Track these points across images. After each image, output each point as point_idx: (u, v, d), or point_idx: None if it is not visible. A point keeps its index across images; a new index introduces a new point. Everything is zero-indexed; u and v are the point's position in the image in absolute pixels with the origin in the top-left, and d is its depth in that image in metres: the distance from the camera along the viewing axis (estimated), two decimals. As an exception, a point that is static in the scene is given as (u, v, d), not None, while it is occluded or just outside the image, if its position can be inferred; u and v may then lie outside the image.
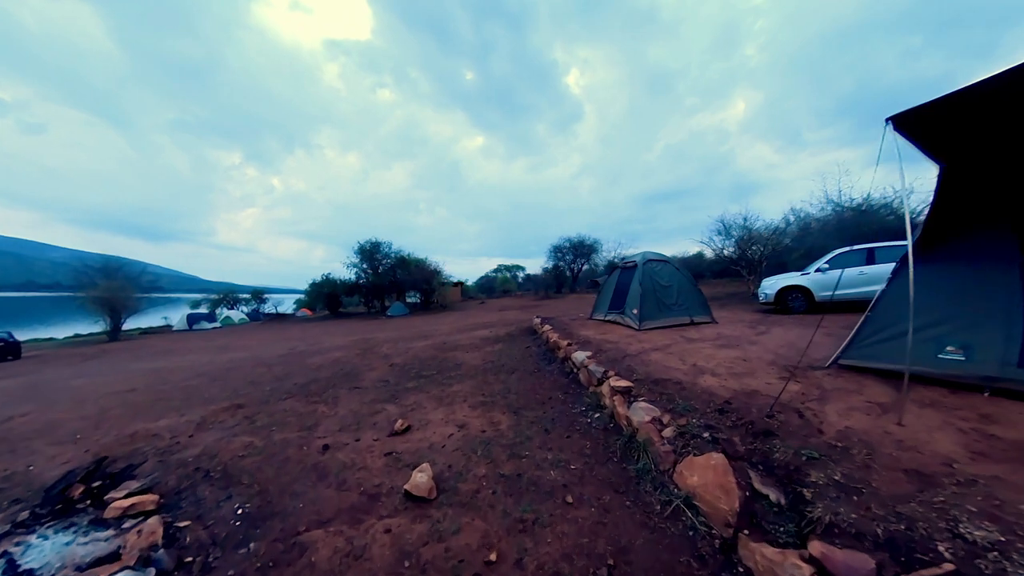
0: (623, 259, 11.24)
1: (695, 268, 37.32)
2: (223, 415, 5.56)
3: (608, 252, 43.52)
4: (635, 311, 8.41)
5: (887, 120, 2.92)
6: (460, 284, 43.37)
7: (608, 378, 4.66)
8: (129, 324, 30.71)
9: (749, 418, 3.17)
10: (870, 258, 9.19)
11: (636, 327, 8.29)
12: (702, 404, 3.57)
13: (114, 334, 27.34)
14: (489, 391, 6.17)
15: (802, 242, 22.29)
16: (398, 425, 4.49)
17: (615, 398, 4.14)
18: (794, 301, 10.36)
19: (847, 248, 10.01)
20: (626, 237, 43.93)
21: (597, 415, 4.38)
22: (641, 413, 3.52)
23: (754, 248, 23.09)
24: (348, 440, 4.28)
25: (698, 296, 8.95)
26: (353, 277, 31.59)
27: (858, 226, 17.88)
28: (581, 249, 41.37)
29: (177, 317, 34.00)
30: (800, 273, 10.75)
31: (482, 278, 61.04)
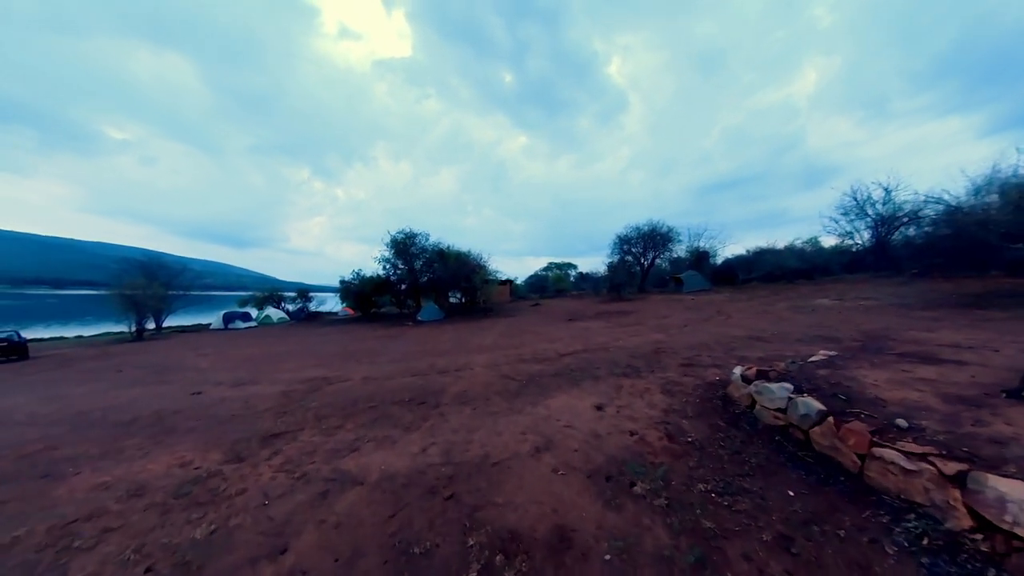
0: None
1: (811, 260, 27.84)
2: None
3: (689, 242, 35.06)
4: None
5: None
6: (509, 282, 37.24)
7: None
8: (170, 321, 28.96)
9: None
10: None
11: None
12: None
13: (138, 334, 24.93)
14: None
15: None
16: None
17: None
18: None
19: None
20: (702, 227, 34.79)
21: None
22: None
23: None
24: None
25: None
26: (383, 273, 26.59)
27: None
28: (653, 240, 33.36)
29: (215, 316, 31.54)
30: None
31: (531, 277, 54.86)
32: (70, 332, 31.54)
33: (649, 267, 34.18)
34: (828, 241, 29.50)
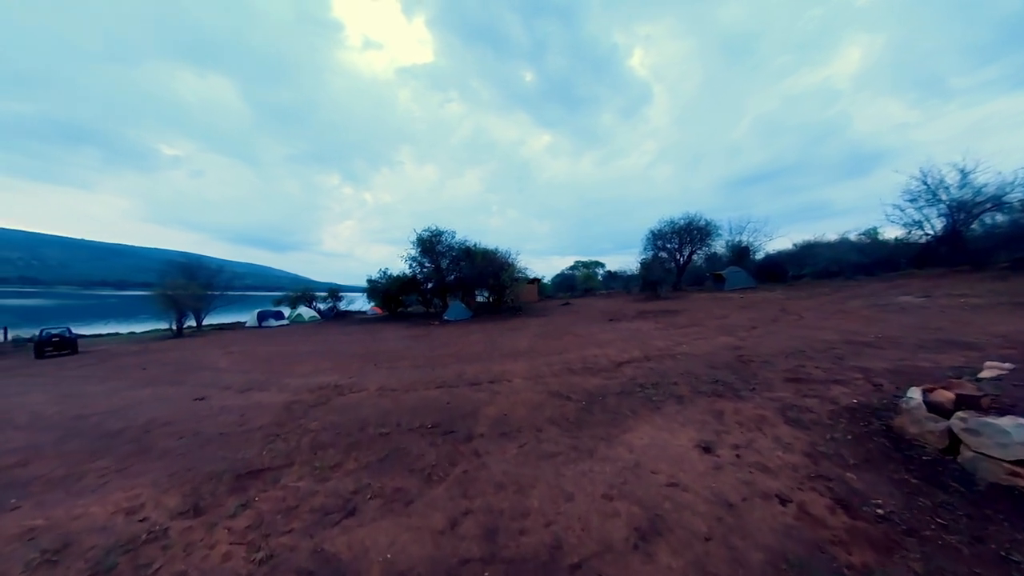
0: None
1: (872, 254, 24.83)
2: None
3: (729, 237, 32.48)
4: None
5: None
6: (536, 281, 35.86)
7: None
8: (208, 319, 29.67)
9: None
10: None
11: None
12: None
13: (178, 331, 25.44)
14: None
15: None
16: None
17: None
18: None
19: None
20: (743, 220, 31.89)
21: None
22: None
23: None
24: None
25: None
26: (408, 272, 25.84)
27: None
28: (690, 234, 31.00)
29: (250, 315, 32.03)
30: None
31: (558, 276, 53.20)
32: (124, 328, 33.11)
33: (685, 264, 31.86)
34: (890, 233, 26.36)
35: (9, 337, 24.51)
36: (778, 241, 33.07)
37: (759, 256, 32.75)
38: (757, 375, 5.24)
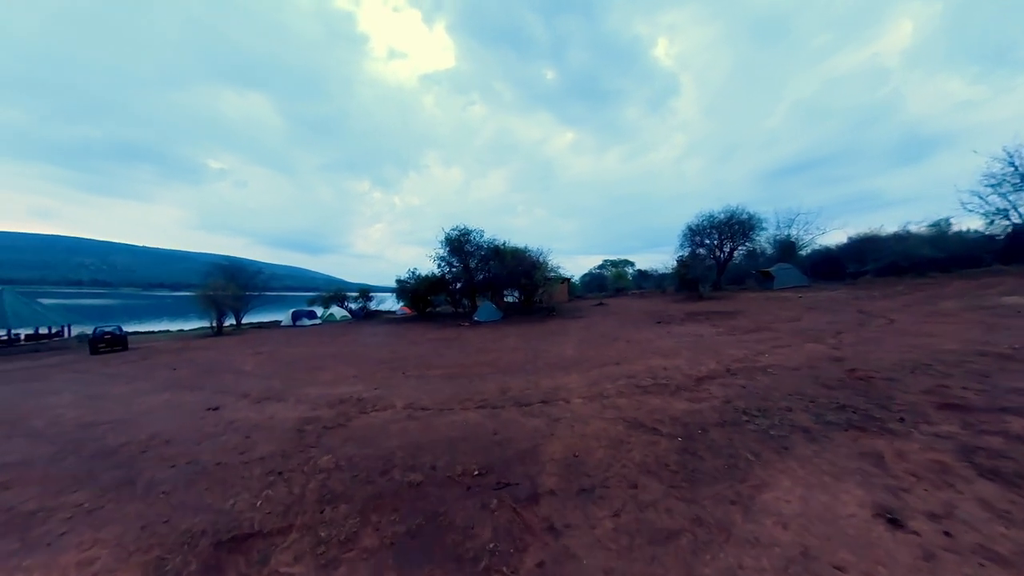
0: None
1: (948, 248, 21.81)
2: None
3: (776, 231, 29.91)
4: None
5: None
6: (566, 281, 34.58)
7: None
8: (247, 318, 30.56)
9: None
10: None
11: None
12: None
13: (218, 329, 26.11)
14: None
15: None
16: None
17: None
18: None
19: None
20: (792, 212, 29.04)
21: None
22: None
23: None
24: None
25: None
26: (437, 272, 25.22)
27: None
28: (731, 229, 28.68)
29: (285, 314, 32.67)
30: None
31: (587, 275, 51.44)
32: (174, 326, 34.87)
33: (727, 260, 29.57)
34: (966, 223, 23.19)
35: (73, 333, 26.12)
36: (831, 235, 30.11)
37: (805, 252, 29.93)
38: (894, 398, 3.93)
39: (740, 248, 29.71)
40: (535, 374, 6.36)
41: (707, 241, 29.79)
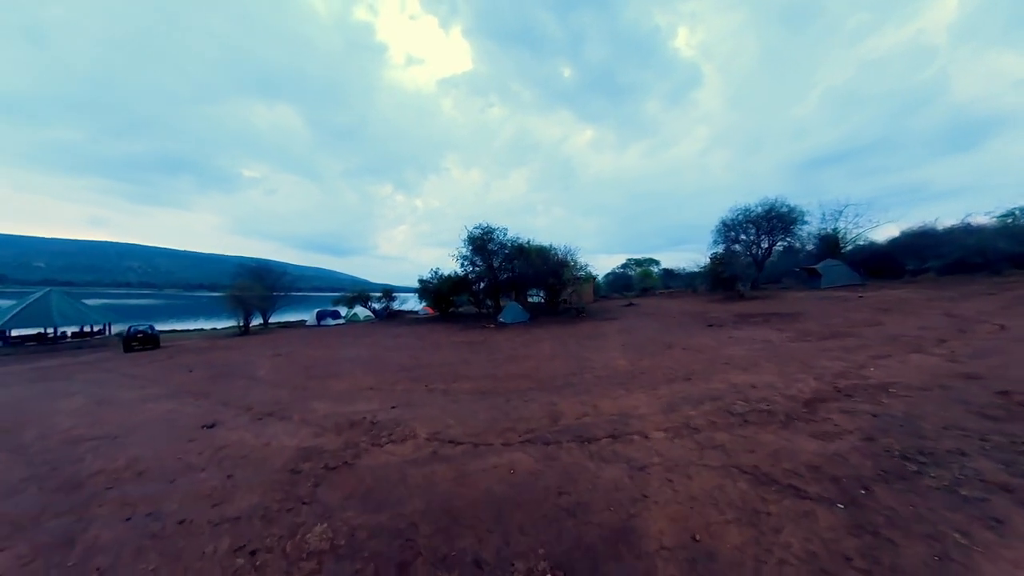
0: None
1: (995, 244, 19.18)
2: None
3: (822, 225, 27.52)
4: None
5: None
6: (592, 280, 33.19)
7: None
8: (274, 318, 30.86)
9: None
10: None
11: None
12: None
13: (245, 328, 26.27)
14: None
15: None
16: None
17: None
18: None
19: None
20: (840, 203, 26.47)
21: None
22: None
23: None
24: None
25: None
26: (460, 271, 24.41)
27: None
28: (769, 223, 26.61)
29: (310, 314, 32.83)
30: None
31: (610, 274, 49.73)
32: (208, 325, 35.81)
33: (765, 257, 27.49)
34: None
35: (113, 331, 27.06)
36: (881, 230, 27.46)
37: (848, 247, 27.39)
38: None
39: (779, 244, 27.56)
40: (587, 392, 5.19)
41: (743, 236, 27.82)
